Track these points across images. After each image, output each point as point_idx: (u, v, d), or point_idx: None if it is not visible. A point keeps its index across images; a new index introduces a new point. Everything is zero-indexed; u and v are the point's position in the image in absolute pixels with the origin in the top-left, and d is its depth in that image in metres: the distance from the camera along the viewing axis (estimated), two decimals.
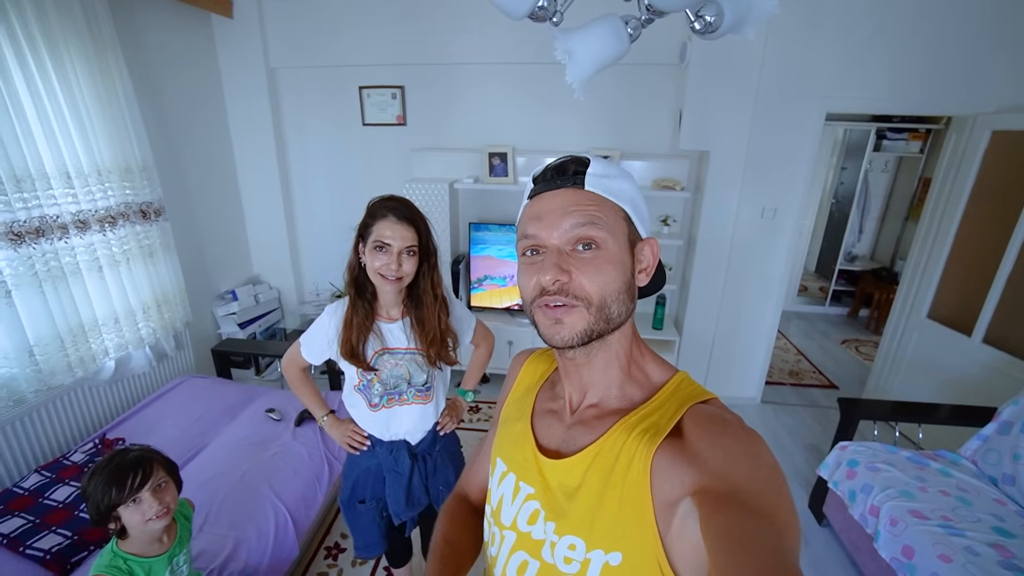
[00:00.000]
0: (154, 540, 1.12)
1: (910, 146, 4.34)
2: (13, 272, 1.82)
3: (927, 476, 1.84)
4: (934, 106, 2.57)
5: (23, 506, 1.65)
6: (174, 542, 1.16)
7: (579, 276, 0.54)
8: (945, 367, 2.58)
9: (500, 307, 3.09)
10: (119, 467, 1.06)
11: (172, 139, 2.70)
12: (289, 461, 1.94)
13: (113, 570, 1.06)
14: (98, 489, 1.03)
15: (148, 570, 1.10)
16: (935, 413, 2.12)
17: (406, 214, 1.12)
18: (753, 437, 0.49)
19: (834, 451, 2.05)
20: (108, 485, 1.03)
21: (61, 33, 1.93)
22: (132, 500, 1.05)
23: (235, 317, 3.08)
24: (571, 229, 0.54)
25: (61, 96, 1.96)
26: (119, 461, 1.07)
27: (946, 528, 1.59)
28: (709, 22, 0.74)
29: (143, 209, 2.34)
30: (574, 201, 0.55)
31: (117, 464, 1.06)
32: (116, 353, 2.25)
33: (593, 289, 0.54)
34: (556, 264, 0.54)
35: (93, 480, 1.04)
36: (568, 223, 0.54)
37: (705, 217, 2.80)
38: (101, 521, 1.06)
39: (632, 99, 2.86)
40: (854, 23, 2.35)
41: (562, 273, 0.54)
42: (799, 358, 3.88)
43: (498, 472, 0.67)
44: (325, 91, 3.13)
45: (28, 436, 1.93)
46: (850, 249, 4.87)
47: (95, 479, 1.04)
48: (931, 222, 2.72)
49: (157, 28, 2.56)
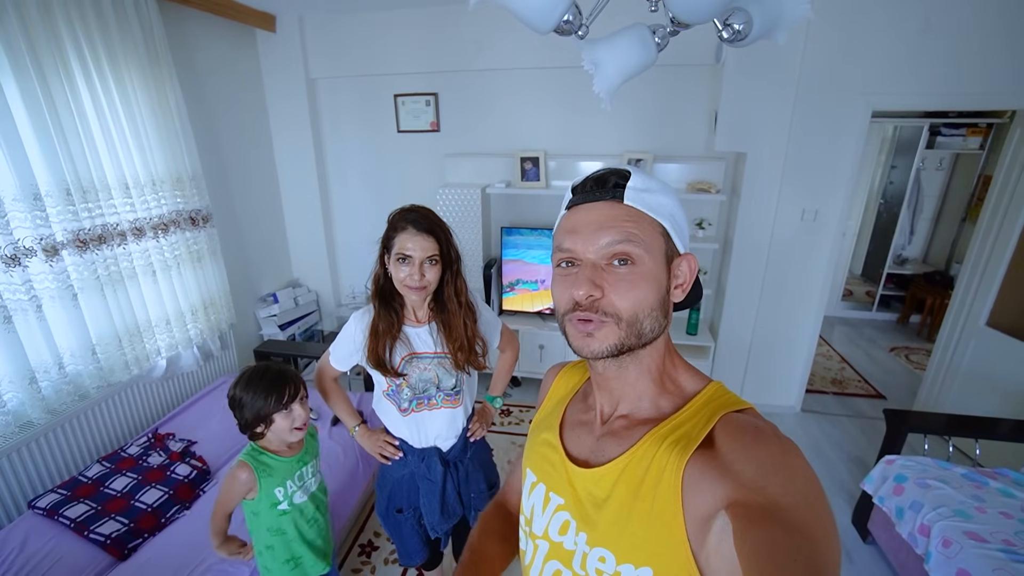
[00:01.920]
0: (284, 446, 1.25)
1: (968, 142, 4.07)
2: (79, 276, 1.97)
3: (985, 496, 1.72)
4: (991, 100, 2.40)
5: (87, 493, 1.78)
6: (302, 450, 1.29)
7: (612, 293, 0.53)
8: (1006, 379, 2.41)
9: (532, 311, 3.10)
10: (275, 379, 1.18)
11: (218, 149, 2.85)
12: (325, 458, 2.00)
13: (253, 461, 1.20)
14: (257, 397, 1.16)
15: (281, 467, 1.23)
16: (994, 428, 1.98)
17: (425, 225, 1.14)
18: (788, 446, 0.47)
19: (880, 465, 1.95)
20: (268, 394, 1.16)
21: (122, 51, 2.08)
22: (285, 409, 1.18)
23: (276, 319, 3.21)
24: (608, 245, 0.54)
25: (121, 110, 2.10)
26: (274, 374, 1.19)
27: (1008, 553, 1.48)
28: (738, 30, 0.72)
29: (192, 216, 2.48)
30: (612, 216, 0.54)
31: (273, 376, 1.19)
32: (167, 352, 2.39)
33: (625, 306, 0.53)
34: (590, 279, 0.53)
35: (250, 389, 1.16)
36: (605, 239, 0.54)
37: (742, 220, 2.72)
38: (252, 425, 1.18)
39: (665, 101, 2.82)
40: (902, 16, 2.23)
41: (595, 288, 0.53)
42: (843, 365, 3.70)
43: (528, 482, 0.68)
44: (361, 100, 3.23)
45: (90, 429, 2.07)
46: (900, 251, 4.61)
47: (252, 388, 1.16)
48: (992, 222, 2.54)
49: (206, 43, 2.71)
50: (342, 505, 1.89)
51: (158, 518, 1.73)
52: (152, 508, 1.74)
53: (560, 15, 0.70)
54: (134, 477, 1.87)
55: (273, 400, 1.16)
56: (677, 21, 0.73)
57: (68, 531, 1.64)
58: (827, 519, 0.42)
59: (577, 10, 0.74)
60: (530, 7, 0.70)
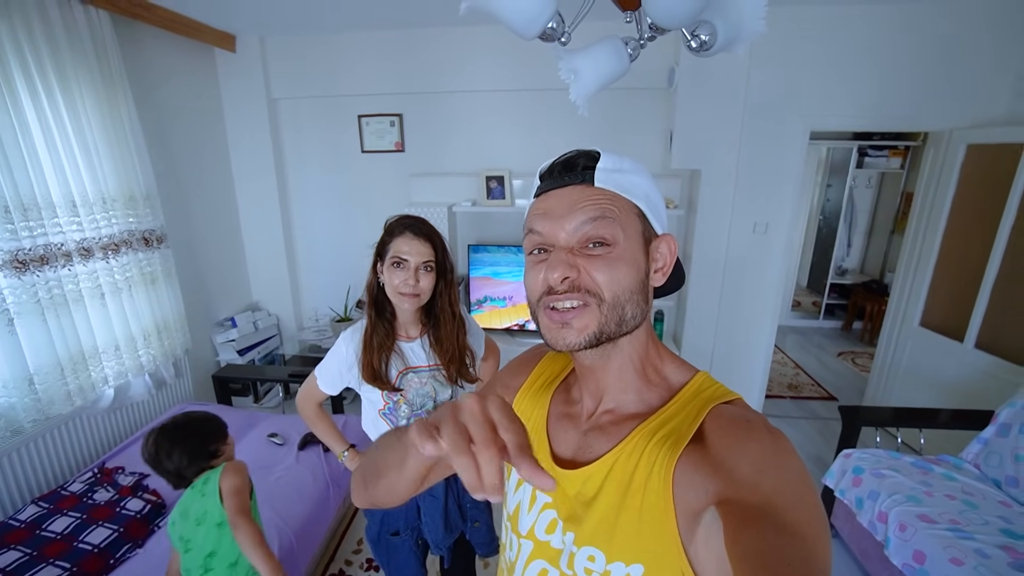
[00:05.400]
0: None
1: (891, 162, 4.50)
2: (16, 300, 1.82)
3: (932, 481, 1.85)
4: (911, 122, 2.69)
5: (19, 539, 1.61)
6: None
7: (589, 273, 0.51)
8: (940, 373, 2.62)
9: (500, 328, 3.11)
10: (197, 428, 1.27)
11: (174, 168, 2.75)
12: (294, 485, 1.91)
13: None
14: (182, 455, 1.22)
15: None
16: (935, 418, 2.14)
17: (423, 230, 1.14)
18: (780, 441, 0.46)
19: (839, 459, 2.06)
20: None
21: (72, 65, 1.99)
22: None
23: (234, 344, 3.06)
24: (581, 226, 0.51)
25: (69, 126, 2.00)
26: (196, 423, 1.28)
27: (955, 532, 1.59)
28: (704, 40, 0.80)
29: (146, 237, 2.36)
30: (583, 197, 0.52)
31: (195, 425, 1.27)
32: (115, 381, 2.23)
33: (604, 283, 0.50)
34: (564, 261, 0.51)
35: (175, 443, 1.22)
36: (577, 220, 0.51)
37: (699, 233, 2.87)
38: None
39: (623, 122, 2.96)
40: (832, 45, 2.48)
41: (571, 269, 0.51)
42: (797, 371, 3.91)
43: (514, 478, 0.65)
44: (325, 120, 3.21)
45: (25, 467, 1.89)
46: (840, 263, 4.97)
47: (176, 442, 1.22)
48: (917, 234, 2.81)
49: (162, 61, 2.64)
50: (312, 532, 1.79)
51: (105, 559, 1.58)
52: (99, 548, 1.59)
53: (545, 22, 0.75)
54: (77, 516, 1.71)
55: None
56: (655, 26, 0.79)
57: None
58: (819, 518, 0.41)
59: (560, 18, 0.79)
60: (517, 14, 0.75)
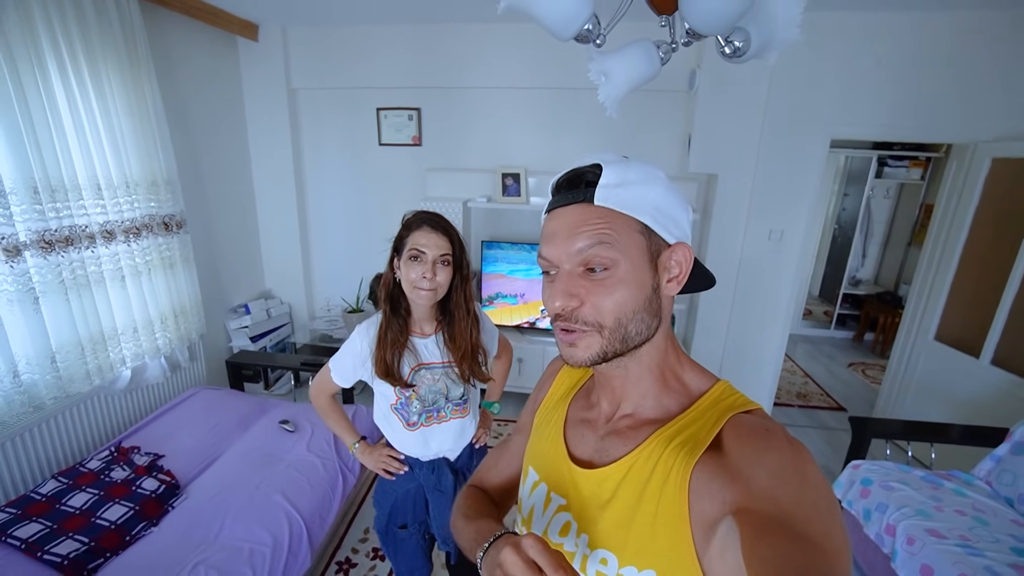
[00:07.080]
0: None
1: (911, 173, 4.44)
2: (41, 279, 1.86)
3: (942, 496, 1.83)
4: (934, 134, 2.65)
5: (40, 511, 1.64)
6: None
7: (589, 301, 0.52)
8: (954, 389, 2.59)
9: (511, 324, 3.12)
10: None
11: (194, 154, 2.78)
12: (304, 472, 1.94)
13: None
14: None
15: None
16: (947, 433, 2.12)
17: (441, 224, 1.16)
18: (800, 452, 0.46)
19: (847, 470, 2.05)
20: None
21: (100, 48, 2.02)
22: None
23: (247, 331, 3.10)
24: (579, 253, 0.52)
25: (97, 109, 2.03)
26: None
27: (965, 548, 1.58)
28: (738, 47, 0.80)
29: (166, 221, 2.40)
30: (583, 220, 0.52)
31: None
32: (133, 362, 2.27)
33: (605, 314, 0.52)
34: (564, 291, 0.53)
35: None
36: (576, 245, 0.52)
37: (713, 238, 2.85)
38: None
39: (642, 123, 2.96)
40: (855, 54, 2.45)
41: (571, 299, 0.52)
42: (806, 380, 3.88)
43: (530, 481, 0.66)
44: (343, 111, 3.23)
45: (46, 442, 1.94)
46: (854, 274, 4.92)
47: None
48: (935, 246, 2.77)
49: (186, 47, 2.67)
50: (320, 519, 1.82)
51: (122, 536, 1.61)
52: (116, 525, 1.63)
53: (582, 24, 0.76)
54: (95, 493, 1.75)
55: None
56: (692, 32, 0.79)
57: (18, 553, 1.50)
58: (839, 530, 0.41)
59: (596, 20, 0.80)
60: (554, 15, 0.75)
